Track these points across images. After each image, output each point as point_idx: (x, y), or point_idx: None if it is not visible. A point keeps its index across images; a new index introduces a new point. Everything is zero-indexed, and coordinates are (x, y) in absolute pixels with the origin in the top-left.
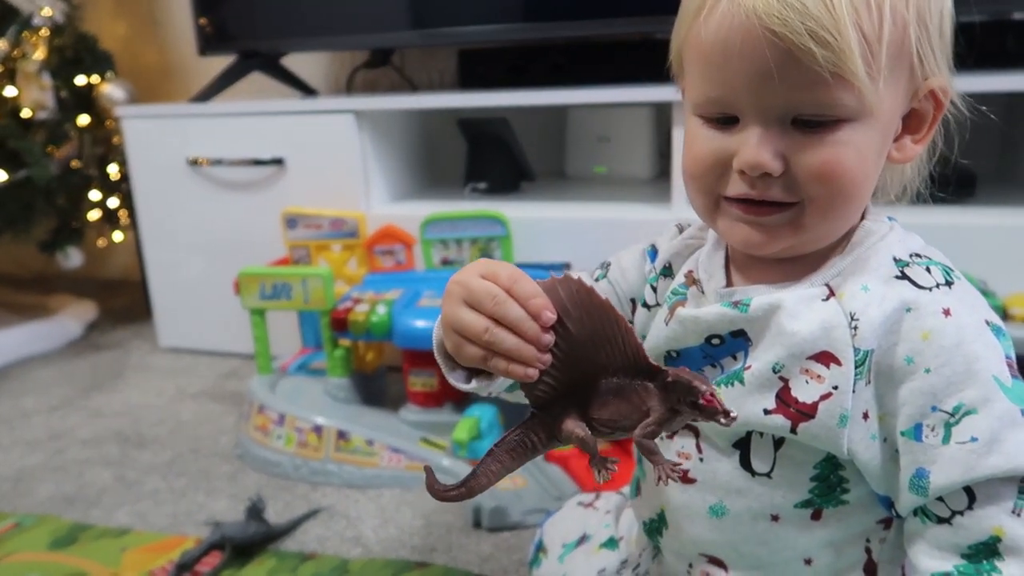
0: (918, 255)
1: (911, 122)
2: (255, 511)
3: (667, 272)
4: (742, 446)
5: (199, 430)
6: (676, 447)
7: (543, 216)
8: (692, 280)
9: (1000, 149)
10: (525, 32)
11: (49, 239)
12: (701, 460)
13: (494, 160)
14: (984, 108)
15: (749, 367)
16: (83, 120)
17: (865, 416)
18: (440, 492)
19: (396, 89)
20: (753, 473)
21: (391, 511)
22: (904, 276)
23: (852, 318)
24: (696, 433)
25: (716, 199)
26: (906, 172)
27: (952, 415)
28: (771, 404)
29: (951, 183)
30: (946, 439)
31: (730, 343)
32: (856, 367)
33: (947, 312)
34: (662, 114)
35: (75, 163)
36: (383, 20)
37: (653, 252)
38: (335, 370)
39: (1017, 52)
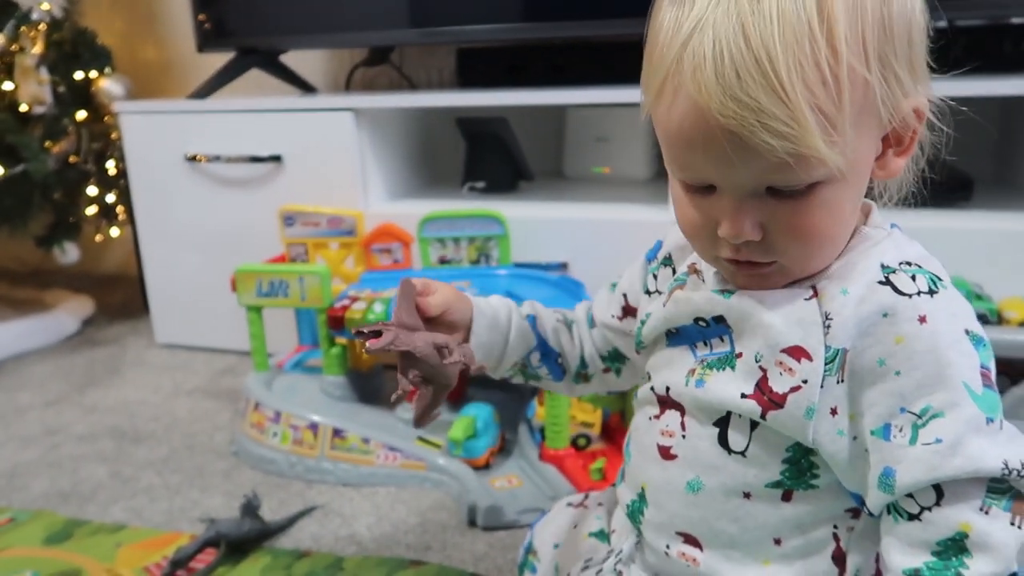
0: (908, 263)
1: (891, 139)
2: (250, 508)
3: (668, 262)
4: (721, 424)
5: (194, 427)
6: (661, 425)
7: (541, 216)
8: (694, 271)
9: (997, 153)
10: (524, 31)
11: (46, 234)
12: (684, 437)
13: (492, 159)
14: (969, 112)
15: (740, 355)
16: (81, 115)
17: (833, 412)
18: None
19: (395, 87)
20: (729, 451)
21: (386, 509)
22: (887, 282)
23: (827, 317)
24: (681, 411)
25: (712, 256)
26: (903, 177)
27: (920, 416)
28: (749, 390)
29: (948, 187)
30: (913, 440)
31: (713, 327)
32: (826, 363)
33: (923, 319)
34: None
35: (73, 158)
36: (382, 18)
37: (657, 245)
38: (331, 368)
39: (1014, 56)
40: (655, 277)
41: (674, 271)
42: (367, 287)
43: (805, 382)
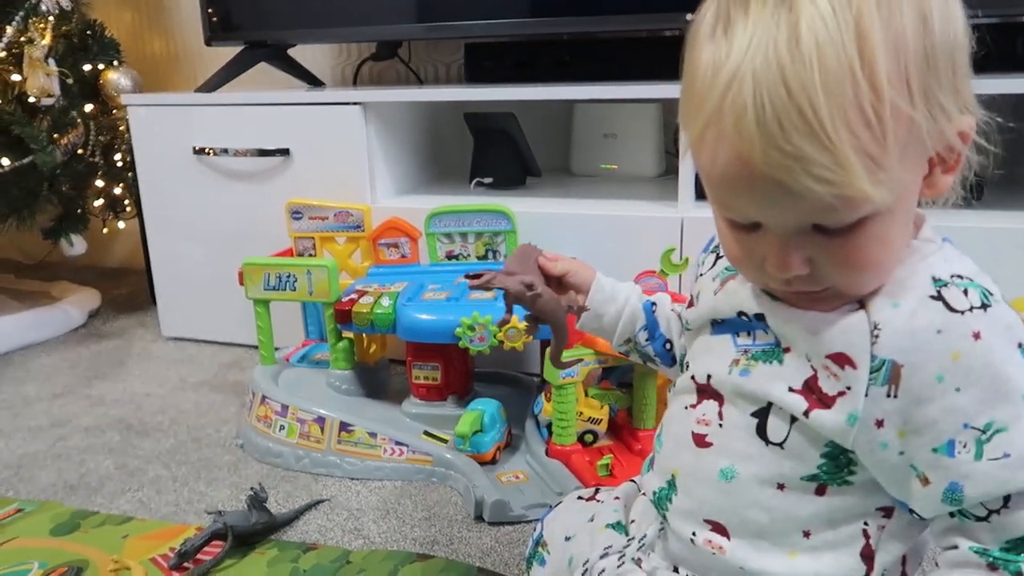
0: (960, 276)
1: (936, 160)
2: (257, 501)
3: (716, 250)
4: (761, 414)
5: (201, 419)
6: (697, 414)
7: (548, 212)
8: None
9: (1008, 152)
10: (532, 27)
11: (53, 226)
12: (720, 425)
13: (500, 155)
14: (997, 116)
15: (788, 350)
16: (89, 107)
17: (879, 424)
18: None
19: (402, 82)
20: (767, 441)
21: (392, 503)
22: (939, 297)
23: (875, 327)
24: (720, 400)
25: (762, 283)
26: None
27: (983, 432)
28: (797, 385)
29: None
30: (979, 455)
31: (754, 322)
32: (871, 372)
33: (977, 335)
34: (669, 111)
35: (80, 150)
36: (391, 12)
37: (712, 238)
38: (338, 362)
39: None
40: (703, 264)
41: (718, 258)
42: (374, 281)
43: (849, 388)
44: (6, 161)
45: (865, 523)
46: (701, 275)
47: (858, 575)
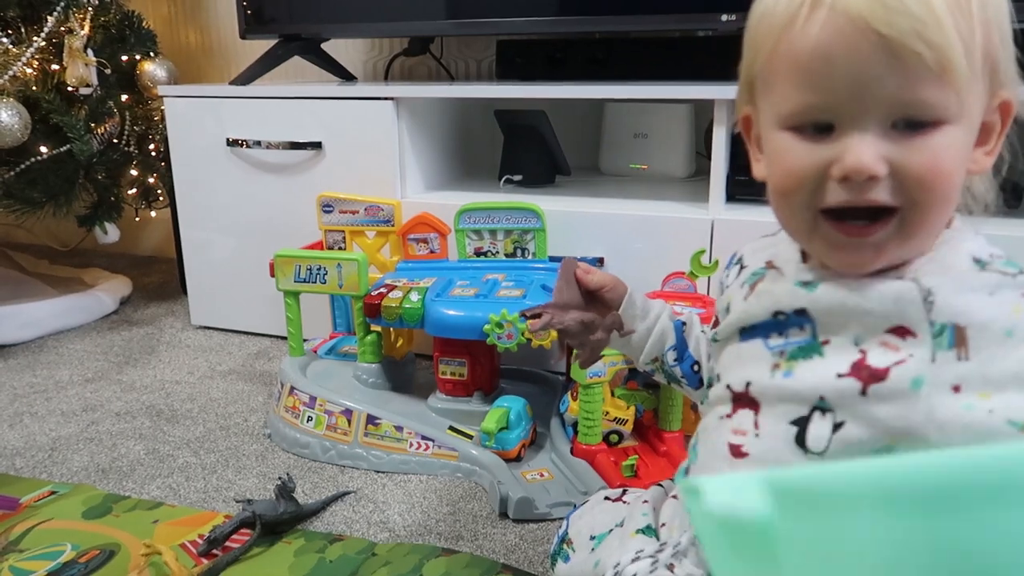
0: (998, 256)
1: (981, 135)
2: (285, 490)
3: (739, 262)
4: (801, 423)
5: (229, 408)
6: (733, 424)
7: (578, 210)
8: (772, 266)
9: None
10: (565, 25)
11: (88, 214)
12: (757, 436)
13: (530, 153)
14: None
15: (827, 342)
16: (125, 98)
17: (956, 389)
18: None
19: (433, 78)
20: (806, 451)
21: (418, 497)
22: (984, 269)
23: (929, 294)
24: (755, 409)
25: (814, 215)
26: (976, 186)
27: None
28: (844, 369)
29: (999, 193)
30: None
31: (792, 318)
32: (934, 337)
33: None
34: (700, 112)
35: (116, 140)
36: (424, 8)
37: (732, 257)
38: (365, 355)
39: None
40: (727, 275)
41: (742, 268)
42: (403, 276)
43: (911, 356)
44: (44, 149)
45: None
46: (727, 287)
47: None
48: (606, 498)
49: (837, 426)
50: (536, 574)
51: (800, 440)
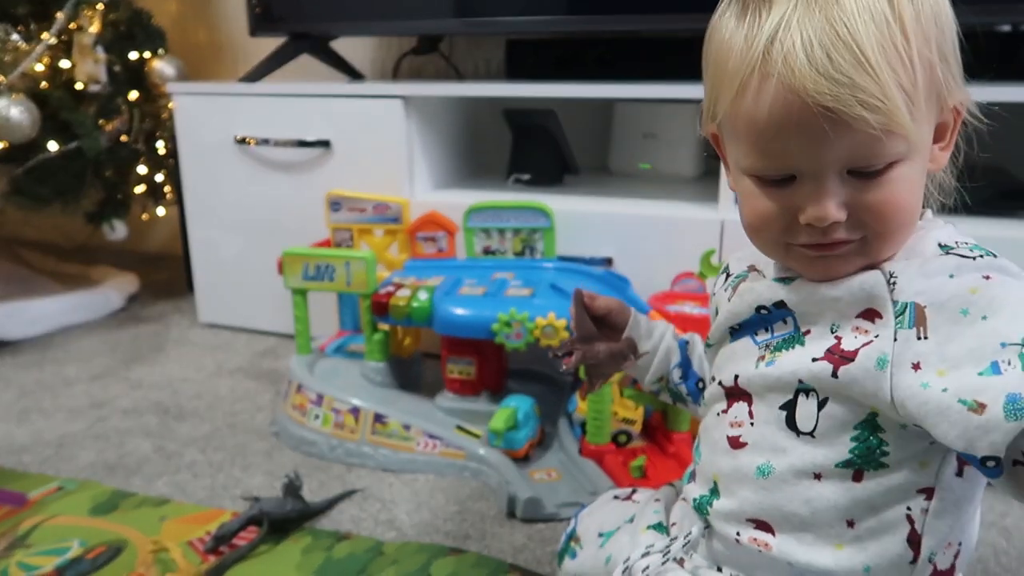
0: (964, 242)
1: (937, 133)
2: (292, 488)
3: (725, 270)
4: (788, 407)
5: (236, 406)
6: (730, 418)
7: (587, 210)
8: (753, 269)
9: None
10: (574, 24)
11: (96, 210)
12: (752, 424)
13: (539, 152)
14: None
15: (808, 331)
16: (133, 95)
17: (916, 367)
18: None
19: (442, 77)
20: (798, 432)
21: (425, 496)
22: (948, 253)
23: (891, 275)
24: (749, 400)
25: (785, 246)
26: (943, 177)
27: (1022, 344)
28: (819, 354)
29: (1001, 194)
30: None
31: (775, 312)
32: (896, 316)
33: (987, 277)
34: None
35: (123, 137)
36: (433, 7)
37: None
38: (373, 354)
39: None
40: (715, 284)
41: (728, 276)
42: (411, 275)
43: (877, 336)
44: (54, 145)
45: (908, 507)
46: (713, 295)
47: (905, 561)
48: (615, 497)
49: (822, 403)
50: (544, 574)
51: (791, 422)
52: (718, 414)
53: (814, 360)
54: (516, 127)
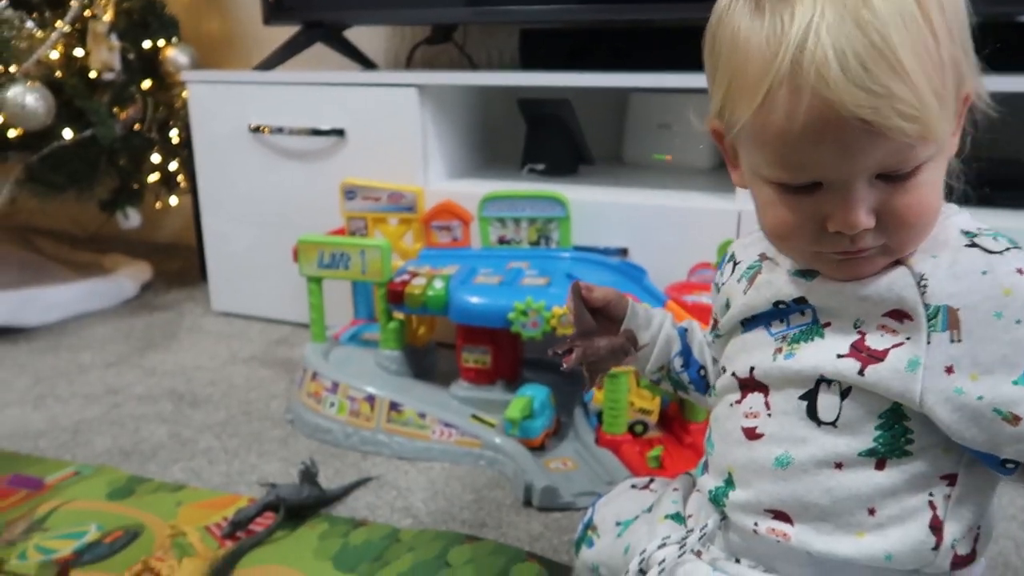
0: (985, 229)
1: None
2: (308, 475)
3: (731, 259)
4: (809, 396)
5: (250, 394)
6: (744, 408)
7: (602, 200)
8: (766, 258)
9: None
10: (587, 13)
11: (110, 199)
12: (769, 415)
13: (553, 141)
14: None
15: (828, 324)
16: (147, 83)
17: (949, 370)
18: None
19: (455, 67)
20: (819, 422)
21: (441, 484)
22: (974, 245)
23: (921, 278)
24: (764, 391)
25: (812, 252)
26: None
27: None
28: (844, 350)
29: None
30: None
31: (793, 306)
32: (928, 320)
33: (1020, 271)
34: None
35: (138, 125)
36: None
37: (723, 260)
38: (388, 342)
39: None
40: (722, 274)
41: (735, 264)
42: (426, 263)
43: (908, 339)
44: (68, 133)
45: (930, 494)
46: (723, 284)
47: (927, 547)
48: (632, 486)
49: (844, 393)
50: (562, 563)
51: (811, 412)
52: (731, 405)
53: (839, 356)
54: (530, 117)
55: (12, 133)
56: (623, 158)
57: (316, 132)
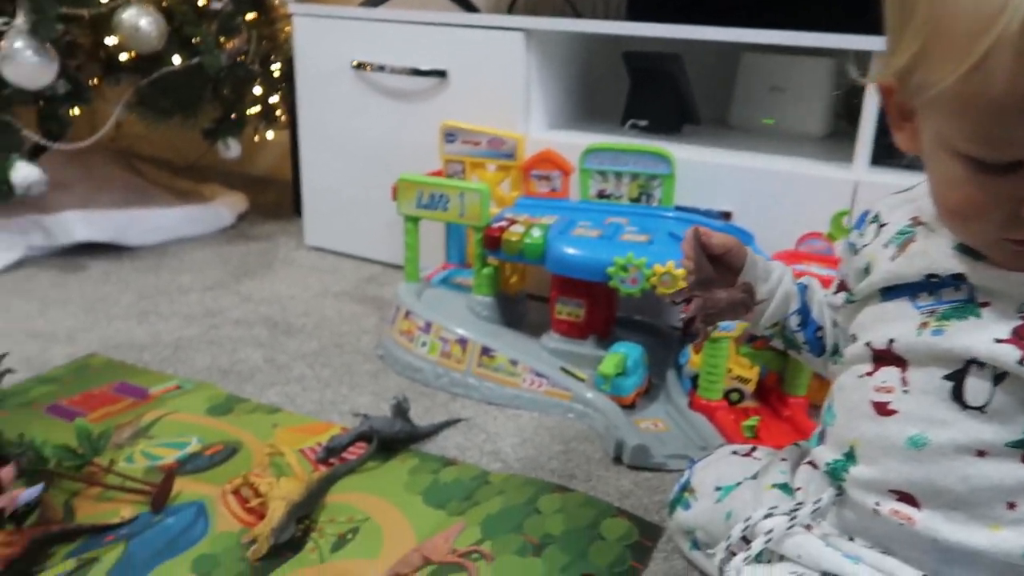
0: None
1: None
2: (401, 410)
3: (875, 219)
4: (956, 377)
5: (342, 327)
6: (875, 382)
7: (706, 160)
8: (918, 222)
9: None
10: None
11: (212, 127)
12: (906, 392)
13: (659, 98)
14: None
15: (986, 304)
16: (252, 15)
17: None
18: None
19: (558, 15)
20: (964, 405)
21: (529, 432)
22: None
23: None
24: (902, 366)
25: (997, 239)
26: None
27: None
28: (1004, 335)
29: None
30: None
31: (947, 281)
32: None
33: None
34: (842, 68)
35: (241, 56)
36: None
37: (862, 216)
38: (481, 288)
39: None
40: (861, 235)
41: (881, 226)
42: (524, 212)
43: None
44: (177, 59)
45: None
46: (864, 247)
47: None
48: (734, 452)
49: (999, 378)
50: (652, 521)
51: (957, 394)
52: (860, 376)
53: (998, 341)
54: (636, 71)
55: (124, 56)
56: (728, 121)
57: (418, 72)
